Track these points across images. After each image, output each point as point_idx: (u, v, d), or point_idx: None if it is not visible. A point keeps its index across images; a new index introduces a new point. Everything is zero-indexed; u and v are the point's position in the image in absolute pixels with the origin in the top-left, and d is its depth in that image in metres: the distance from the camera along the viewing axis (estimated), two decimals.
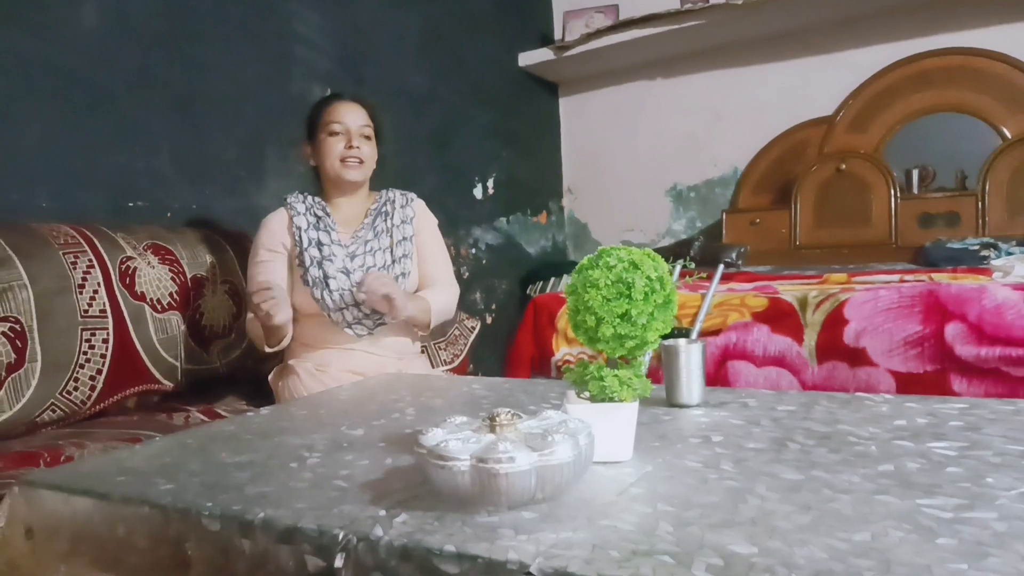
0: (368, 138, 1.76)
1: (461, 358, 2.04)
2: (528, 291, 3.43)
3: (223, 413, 1.61)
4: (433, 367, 1.94)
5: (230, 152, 2.17)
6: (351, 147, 1.72)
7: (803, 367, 1.66)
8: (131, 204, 1.85)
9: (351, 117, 1.74)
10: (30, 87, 1.73)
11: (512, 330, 2.32)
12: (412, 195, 1.87)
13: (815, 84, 3.29)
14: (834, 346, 1.64)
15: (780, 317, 1.71)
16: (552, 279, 3.37)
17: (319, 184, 1.82)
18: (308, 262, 1.69)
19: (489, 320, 3.34)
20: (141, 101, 1.96)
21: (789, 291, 1.79)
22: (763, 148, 3.39)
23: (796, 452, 0.81)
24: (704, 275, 1.90)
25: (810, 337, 1.67)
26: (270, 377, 1.71)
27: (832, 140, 3.19)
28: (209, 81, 2.13)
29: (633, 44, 3.40)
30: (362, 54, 2.71)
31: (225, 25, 2.20)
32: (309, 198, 1.78)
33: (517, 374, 2.02)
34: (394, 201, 1.83)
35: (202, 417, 1.57)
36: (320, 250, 1.70)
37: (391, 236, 1.77)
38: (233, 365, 1.83)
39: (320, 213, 1.76)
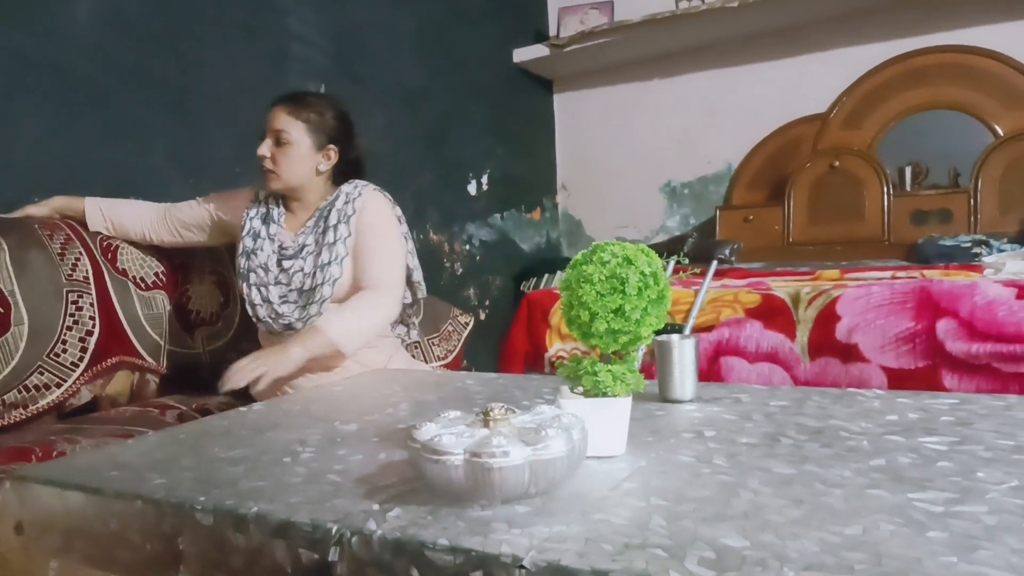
0: (283, 144, 1.62)
1: (455, 354, 2.04)
2: (522, 287, 3.43)
3: (215, 411, 1.61)
4: (427, 363, 1.94)
5: (226, 149, 2.17)
6: (261, 156, 1.63)
7: (795, 363, 1.67)
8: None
9: (271, 122, 1.64)
10: (25, 84, 1.72)
11: (506, 326, 2.32)
12: (362, 189, 1.69)
13: (809, 81, 3.30)
14: (826, 342, 1.65)
15: (773, 313, 1.71)
16: (546, 275, 3.37)
17: None
18: (239, 250, 1.68)
19: (483, 316, 3.35)
20: (137, 98, 1.95)
21: (782, 287, 1.79)
22: (757, 145, 3.40)
23: (788, 447, 0.81)
24: (698, 271, 1.90)
25: (802, 333, 1.67)
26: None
27: (826, 137, 3.20)
28: (205, 78, 2.12)
29: (627, 43, 3.40)
30: (357, 51, 2.70)
31: (221, 22, 2.19)
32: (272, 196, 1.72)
33: (511, 370, 2.03)
34: (337, 199, 1.68)
35: (195, 415, 1.57)
36: (254, 241, 1.67)
37: (324, 238, 1.65)
38: (217, 354, 1.83)
39: (272, 207, 1.71)
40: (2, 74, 1.68)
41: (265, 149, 1.63)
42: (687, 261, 0.89)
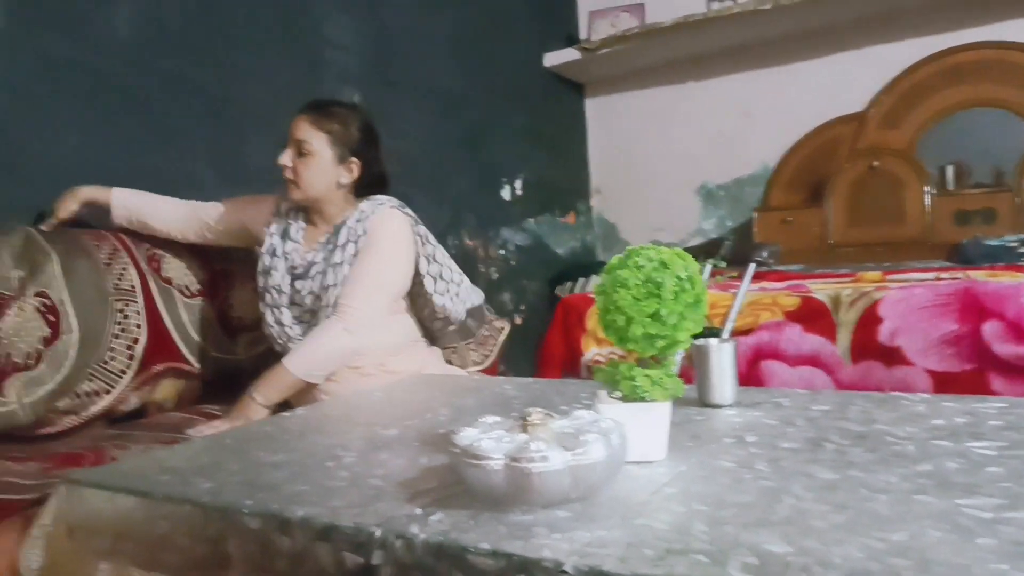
0: (305, 154, 1.59)
1: (491, 359, 2.05)
2: (557, 292, 3.43)
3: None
4: (463, 368, 1.95)
5: (262, 154, 2.20)
6: (282, 165, 1.61)
7: (838, 366, 1.65)
8: None
9: (293, 131, 1.61)
10: (68, 89, 1.77)
11: (541, 331, 2.31)
12: (377, 207, 1.64)
13: (845, 81, 3.25)
14: (869, 345, 1.62)
15: (813, 316, 1.69)
16: (581, 279, 3.36)
17: None
18: (259, 268, 1.67)
19: (518, 321, 3.35)
20: (176, 104, 2.00)
21: (821, 290, 1.77)
22: (794, 146, 3.35)
23: (832, 452, 0.80)
24: (735, 274, 1.88)
25: (844, 336, 1.65)
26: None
27: (864, 137, 3.14)
28: (242, 84, 2.16)
29: (660, 45, 3.38)
30: (392, 56, 2.73)
31: (258, 29, 2.23)
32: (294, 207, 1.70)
33: (547, 375, 2.03)
34: (351, 216, 1.64)
35: None
36: (270, 259, 1.66)
37: (332, 257, 1.62)
38: (259, 359, 1.86)
39: (292, 221, 1.69)
40: (45, 80, 1.73)
41: (286, 159, 1.61)
42: (724, 264, 0.89)
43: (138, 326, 1.63)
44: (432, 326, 1.81)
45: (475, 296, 1.85)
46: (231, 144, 2.12)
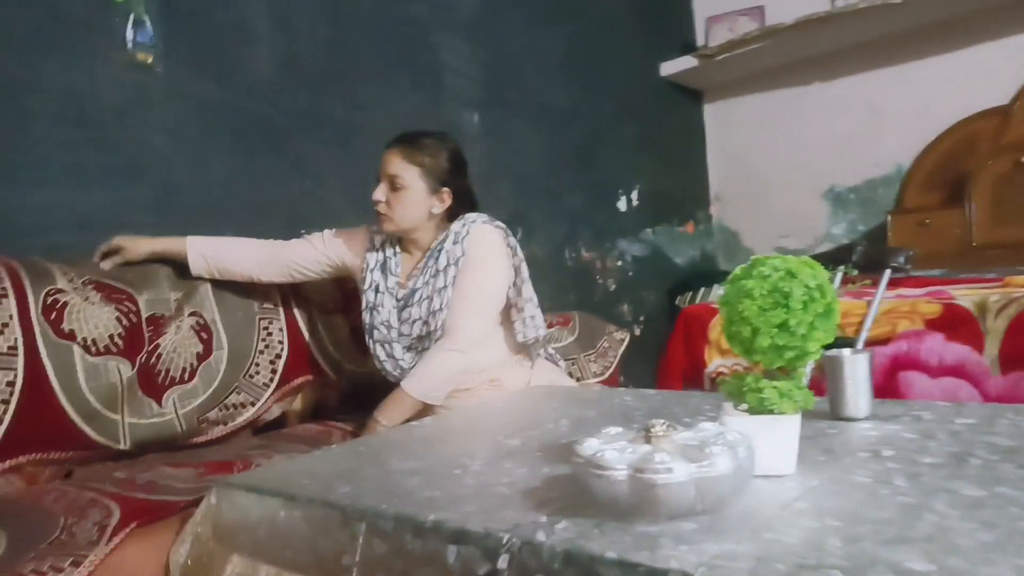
0: (398, 189, 1.61)
1: (611, 370, 2.05)
2: (677, 302, 3.37)
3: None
4: (582, 379, 1.96)
5: None
6: (376, 201, 1.63)
7: (984, 377, 1.54)
8: (303, 231, 2.01)
9: (385, 166, 1.64)
10: (216, 129, 1.93)
11: (661, 342, 2.28)
12: (470, 226, 1.66)
13: (985, 73, 3.03)
14: (1020, 354, 1.50)
15: (956, 324, 1.59)
16: (702, 289, 3.29)
17: None
18: (364, 304, 1.69)
19: (637, 332, 3.32)
20: (310, 136, 2.13)
21: (966, 296, 1.66)
22: (930, 143, 3.15)
23: (978, 467, 0.75)
24: (869, 281, 1.79)
25: (992, 345, 1.54)
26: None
27: (1009, 131, 2.92)
28: (370, 114, 2.28)
29: (781, 46, 3.28)
30: (508, 77, 2.79)
31: (382, 61, 2.34)
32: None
33: (668, 386, 2.00)
34: (446, 239, 1.65)
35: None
36: (375, 296, 1.68)
37: (435, 282, 1.63)
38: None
39: (389, 254, 1.71)
40: (197, 120, 1.89)
41: (380, 194, 1.62)
42: (855, 271, 0.85)
43: (280, 342, 1.74)
44: None
45: (543, 327, 1.76)
46: (359, 172, 2.23)
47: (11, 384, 1.32)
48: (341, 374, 1.85)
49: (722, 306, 0.79)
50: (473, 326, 1.62)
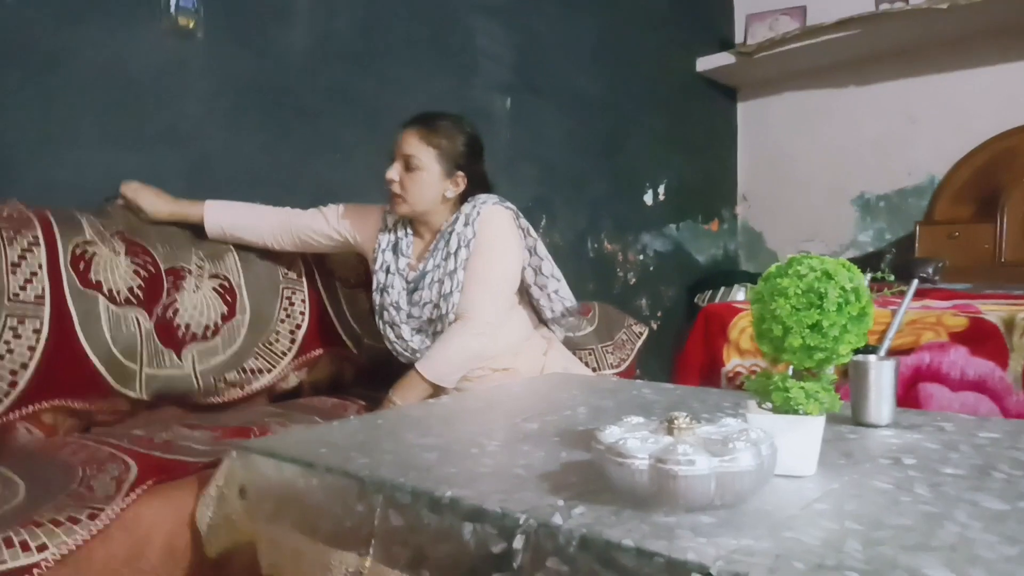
0: (413, 169, 1.59)
1: (628, 362, 2.04)
2: (696, 300, 3.35)
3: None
4: (599, 370, 1.96)
5: None
6: (390, 180, 1.61)
7: (1006, 394, 1.52)
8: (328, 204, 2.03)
9: (401, 146, 1.62)
10: (250, 100, 1.94)
11: (678, 338, 2.28)
12: (480, 207, 1.63)
13: None
14: None
15: (982, 338, 1.57)
16: (722, 288, 3.27)
17: None
18: (374, 285, 1.68)
19: (654, 327, 3.31)
20: (340, 114, 2.13)
21: (993, 311, 1.64)
22: (965, 156, 3.10)
23: (1001, 482, 0.75)
24: (895, 290, 1.77)
25: (1016, 362, 1.52)
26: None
27: None
28: (400, 94, 2.27)
29: (820, 47, 3.23)
30: (540, 63, 2.77)
31: (416, 42, 2.33)
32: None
33: (685, 382, 1.99)
34: (457, 221, 1.63)
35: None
36: (385, 277, 1.67)
37: (446, 265, 1.62)
38: None
39: (401, 235, 1.69)
40: (233, 91, 1.90)
41: (394, 173, 1.60)
42: (892, 277, 0.84)
43: (302, 313, 1.76)
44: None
45: (571, 297, 1.78)
46: (388, 151, 2.24)
47: (37, 331, 1.35)
48: (360, 348, 1.86)
49: (754, 303, 0.78)
50: (488, 309, 1.62)
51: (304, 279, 1.80)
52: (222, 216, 1.69)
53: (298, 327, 1.74)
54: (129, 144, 1.71)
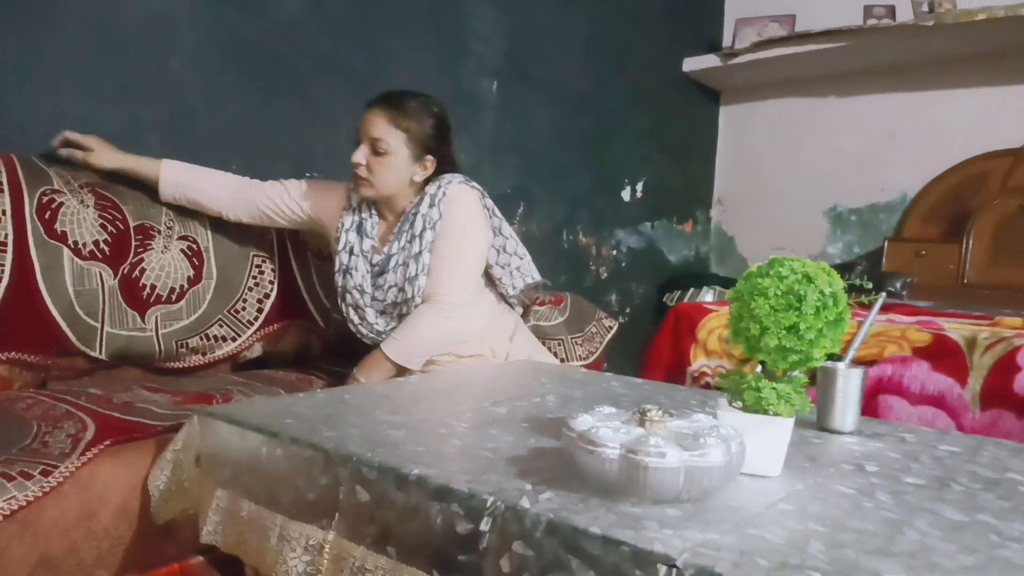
0: (380, 153, 1.54)
1: (596, 355, 2.05)
2: (665, 299, 3.38)
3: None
4: (567, 361, 1.96)
5: None
6: (356, 163, 1.55)
7: (963, 411, 1.55)
8: (308, 175, 1.99)
9: (368, 128, 1.56)
10: (236, 63, 1.90)
11: (644, 335, 2.29)
12: (446, 188, 1.59)
13: (1005, 113, 3.03)
14: (1002, 393, 1.52)
15: (944, 355, 1.60)
16: (691, 289, 3.30)
17: None
18: (336, 266, 1.64)
19: (623, 322, 3.32)
20: (327, 82, 2.10)
21: (956, 329, 1.67)
22: (938, 176, 3.16)
23: (960, 494, 0.76)
24: (865, 301, 1.80)
25: (975, 380, 1.55)
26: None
27: (1018, 174, 2.92)
28: (389, 69, 2.24)
29: (805, 56, 3.26)
30: (530, 50, 2.76)
31: (408, 16, 2.30)
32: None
33: (651, 378, 2.00)
34: (421, 202, 1.59)
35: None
36: (349, 258, 1.62)
37: (411, 247, 1.58)
38: None
39: (365, 216, 1.64)
40: (219, 49, 1.86)
41: (361, 156, 1.55)
42: (871, 285, 0.85)
43: (271, 282, 1.73)
44: None
45: (534, 274, 1.78)
46: (352, 132, 2.21)
47: None
48: (328, 322, 1.84)
49: (733, 301, 0.79)
50: (457, 291, 1.59)
51: (276, 248, 1.77)
52: (179, 175, 1.60)
53: (266, 296, 1.72)
54: (108, 95, 1.67)
